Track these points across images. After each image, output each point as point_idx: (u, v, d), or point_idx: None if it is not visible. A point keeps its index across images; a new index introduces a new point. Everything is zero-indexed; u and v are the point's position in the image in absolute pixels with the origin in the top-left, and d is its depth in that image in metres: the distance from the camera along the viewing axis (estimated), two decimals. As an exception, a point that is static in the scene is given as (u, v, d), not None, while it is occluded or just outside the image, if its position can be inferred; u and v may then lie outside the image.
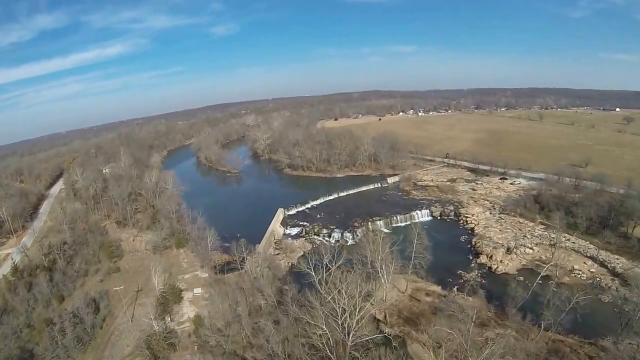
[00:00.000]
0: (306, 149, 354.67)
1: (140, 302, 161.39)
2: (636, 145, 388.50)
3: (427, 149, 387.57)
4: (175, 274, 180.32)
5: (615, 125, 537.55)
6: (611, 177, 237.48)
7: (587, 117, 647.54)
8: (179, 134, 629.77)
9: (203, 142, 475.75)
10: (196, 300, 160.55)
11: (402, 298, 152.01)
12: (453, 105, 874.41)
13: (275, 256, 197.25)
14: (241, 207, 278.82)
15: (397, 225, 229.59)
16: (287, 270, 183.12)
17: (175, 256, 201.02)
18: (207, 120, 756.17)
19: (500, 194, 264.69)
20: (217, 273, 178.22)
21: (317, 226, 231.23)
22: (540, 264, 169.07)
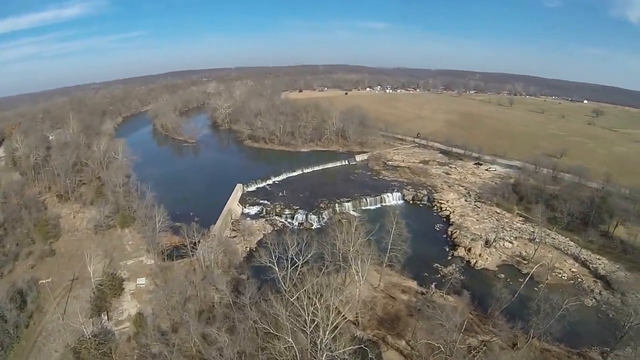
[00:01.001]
0: (269, 120, 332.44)
1: (75, 294, 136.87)
2: (608, 139, 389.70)
3: (397, 127, 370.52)
4: (118, 259, 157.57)
5: (585, 117, 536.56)
6: (589, 171, 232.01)
7: (556, 106, 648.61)
8: (135, 99, 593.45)
9: (160, 109, 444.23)
10: (139, 294, 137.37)
11: (375, 295, 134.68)
12: (421, 85, 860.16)
13: (231, 239, 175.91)
14: (196, 181, 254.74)
15: (366, 208, 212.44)
16: (244, 257, 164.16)
17: (119, 237, 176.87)
18: (167, 87, 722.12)
19: (475, 180, 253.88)
20: (165, 259, 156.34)
21: (279, 206, 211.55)
22: (521, 260, 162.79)
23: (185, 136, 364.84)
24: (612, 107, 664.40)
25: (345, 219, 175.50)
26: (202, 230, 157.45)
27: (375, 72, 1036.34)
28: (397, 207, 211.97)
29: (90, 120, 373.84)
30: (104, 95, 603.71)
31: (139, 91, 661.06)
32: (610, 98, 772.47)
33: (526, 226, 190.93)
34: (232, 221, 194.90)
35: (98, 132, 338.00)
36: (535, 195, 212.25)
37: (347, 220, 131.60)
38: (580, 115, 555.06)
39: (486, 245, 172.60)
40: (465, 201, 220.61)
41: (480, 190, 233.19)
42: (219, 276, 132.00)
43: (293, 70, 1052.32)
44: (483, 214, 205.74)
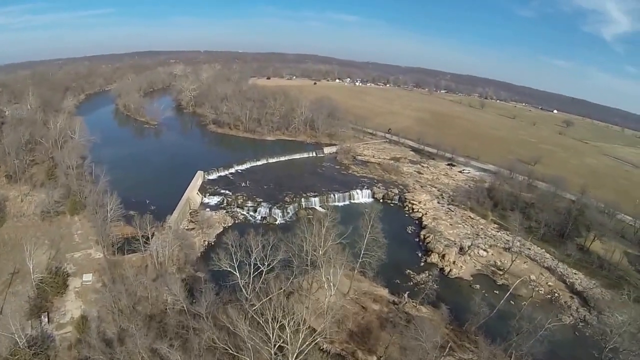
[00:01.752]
0: (235, 105, 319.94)
1: (15, 289, 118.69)
2: (579, 150, 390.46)
3: (367, 121, 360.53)
4: (64, 251, 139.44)
5: (555, 126, 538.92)
6: (565, 181, 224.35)
7: (527, 113, 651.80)
8: (100, 77, 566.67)
9: (123, 89, 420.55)
10: (84, 292, 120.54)
11: (344, 304, 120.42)
12: (392, 80, 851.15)
13: (189, 232, 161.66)
14: (155, 165, 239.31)
15: (334, 205, 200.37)
16: (202, 252, 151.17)
17: (68, 225, 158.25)
18: (133, 66, 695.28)
19: (448, 182, 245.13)
20: (116, 253, 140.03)
21: (242, 197, 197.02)
22: (496, 270, 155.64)
23: (147, 118, 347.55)
24: (581, 119, 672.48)
25: (311, 215, 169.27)
26: (157, 222, 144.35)
27: (345, 65, 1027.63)
28: (366, 205, 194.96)
29: (51, 96, 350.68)
30: (67, 72, 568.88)
31: (104, 69, 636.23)
32: (578, 110, 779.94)
33: (501, 234, 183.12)
34: (190, 211, 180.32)
35: (58, 109, 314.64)
36: (511, 202, 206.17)
37: (317, 220, 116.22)
38: (550, 124, 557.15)
39: (460, 252, 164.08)
40: (437, 203, 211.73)
41: (454, 193, 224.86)
42: (173, 276, 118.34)
43: (262, 57, 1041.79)
44: (457, 218, 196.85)
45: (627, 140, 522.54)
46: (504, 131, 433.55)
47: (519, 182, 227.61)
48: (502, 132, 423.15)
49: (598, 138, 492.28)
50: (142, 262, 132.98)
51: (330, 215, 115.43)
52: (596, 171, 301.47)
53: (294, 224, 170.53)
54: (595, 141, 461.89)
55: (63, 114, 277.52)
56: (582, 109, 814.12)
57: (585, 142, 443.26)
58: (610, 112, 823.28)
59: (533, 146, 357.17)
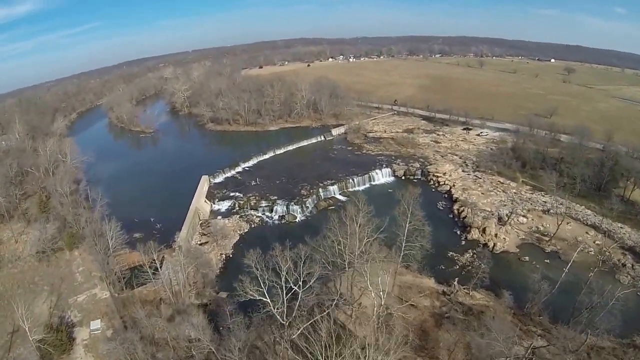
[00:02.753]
0: (231, 99, 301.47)
1: (16, 353, 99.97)
2: (587, 96, 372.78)
3: (369, 96, 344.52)
4: (66, 296, 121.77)
5: (557, 75, 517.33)
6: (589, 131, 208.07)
7: (525, 66, 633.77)
8: (90, 93, 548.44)
9: (114, 100, 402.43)
10: (94, 345, 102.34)
11: (390, 304, 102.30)
12: (385, 51, 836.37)
13: (202, 247, 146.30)
14: (156, 177, 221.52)
15: (354, 190, 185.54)
16: (220, 268, 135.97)
17: (68, 263, 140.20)
18: (122, 77, 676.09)
19: (468, 147, 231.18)
20: (124, 288, 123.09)
21: (254, 197, 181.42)
22: (541, 236, 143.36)
23: (142, 127, 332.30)
24: (580, 65, 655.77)
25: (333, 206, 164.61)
26: (165, 243, 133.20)
27: (335, 43, 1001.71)
28: (388, 185, 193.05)
29: (39, 120, 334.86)
30: (55, 93, 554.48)
31: (93, 84, 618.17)
32: (574, 56, 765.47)
33: (536, 196, 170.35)
34: (200, 222, 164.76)
35: (47, 133, 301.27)
36: (539, 160, 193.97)
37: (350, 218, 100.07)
38: (552, 73, 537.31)
39: (500, 222, 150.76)
40: (463, 172, 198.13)
41: (477, 158, 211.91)
42: (192, 308, 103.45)
43: (251, 48, 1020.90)
44: (487, 185, 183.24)
45: (630, 80, 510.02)
46: (509, 87, 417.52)
47: (542, 138, 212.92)
48: (507, 88, 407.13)
49: (601, 81, 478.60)
50: (155, 295, 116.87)
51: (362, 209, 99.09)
52: (610, 115, 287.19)
53: (315, 218, 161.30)
54: (599, 85, 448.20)
55: (53, 137, 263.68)
56: (578, 55, 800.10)
57: (590, 87, 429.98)
58: (606, 55, 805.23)
59: (542, 98, 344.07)
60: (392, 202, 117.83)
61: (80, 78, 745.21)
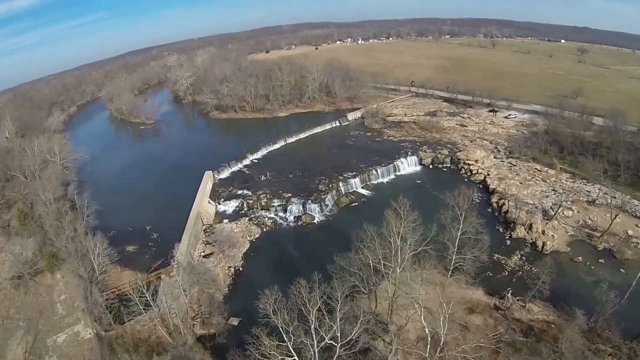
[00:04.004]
0: (237, 85, 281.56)
1: None
2: (606, 76, 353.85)
3: (384, 77, 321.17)
4: (44, 334, 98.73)
5: (571, 56, 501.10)
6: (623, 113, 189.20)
7: (537, 46, 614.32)
8: (91, 85, 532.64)
9: (114, 91, 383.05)
10: None
11: (436, 327, 79.65)
12: (393, 33, 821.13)
13: (206, 259, 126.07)
14: (154, 173, 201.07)
15: (378, 183, 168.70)
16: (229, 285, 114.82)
17: (48, 290, 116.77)
18: (125, 67, 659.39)
19: (498, 131, 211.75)
20: (113, 322, 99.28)
21: (265, 195, 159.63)
22: (592, 232, 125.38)
23: (142, 118, 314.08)
24: (590, 46, 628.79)
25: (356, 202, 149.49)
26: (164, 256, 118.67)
27: (342, 26, 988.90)
28: (415, 175, 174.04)
29: (33, 116, 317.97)
30: (54, 86, 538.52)
31: (94, 75, 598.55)
32: (583, 37, 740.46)
33: (578, 184, 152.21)
34: (204, 228, 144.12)
35: (41, 130, 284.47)
36: (577, 145, 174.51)
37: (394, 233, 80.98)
38: (565, 54, 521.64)
39: (545, 217, 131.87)
40: (495, 158, 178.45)
41: (509, 143, 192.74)
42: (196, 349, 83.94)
43: (257, 33, 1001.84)
44: (523, 173, 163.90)
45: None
46: (527, 67, 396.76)
47: (576, 121, 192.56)
48: (526, 69, 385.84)
49: (615, 62, 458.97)
50: (150, 332, 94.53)
51: (406, 217, 79.67)
52: (633, 96, 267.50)
53: (337, 218, 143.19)
54: (614, 65, 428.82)
55: (45, 134, 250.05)
56: (586, 35, 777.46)
57: (606, 68, 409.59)
58: (614, 36, 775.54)
59: (562, 78, 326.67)
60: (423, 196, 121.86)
61: (82, 70, 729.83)
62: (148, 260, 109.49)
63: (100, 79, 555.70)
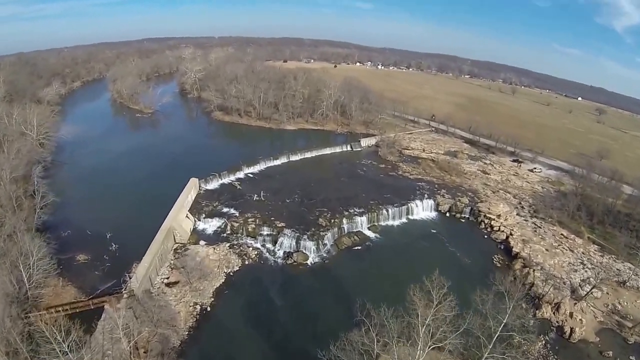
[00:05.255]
0: (246, 87, 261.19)
1: None
2: (625, 141, 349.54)
3: (404, 106, 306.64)
4: None
5: (589, 114, 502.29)
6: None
7: (555, 100, 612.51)
8: (100, 63, 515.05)
9: (119, 72, 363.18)
10: None
11: None
12: (414, 64, 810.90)
13: (170, 288, 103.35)
14: (134, 170, 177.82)
15: (386, 225, 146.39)
16: (190, 328, 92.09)
17: None
18: (139, 51, 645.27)
19: (522, 185, 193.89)
20: None
21: (254, 219, 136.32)
22: (621, 320, 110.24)
23: (141, 105, 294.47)
24: (606, 107, 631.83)
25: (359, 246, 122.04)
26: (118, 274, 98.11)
27: (363, 49, 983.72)
28: (429, 222, 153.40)
29: (29, 83, 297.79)
30: (63, 57, 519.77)
31: (107, 55, 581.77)
32: (598, 98, 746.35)
33: (607, 260, 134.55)
34: (174, 247, 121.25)
35: (34, 98, 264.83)
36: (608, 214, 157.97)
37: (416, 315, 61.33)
38: (583, 112, 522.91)
39: (573, 296, 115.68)
40: (519, 216, 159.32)
41: (534, 200, 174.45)
42: None
43: (277, 42, 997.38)
44: (549, 238, 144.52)
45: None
46: (548, 119, 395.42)
47: (605, 186, 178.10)
48: (547, 120, 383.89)
49: (632, 127, 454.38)
50: None
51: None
52: None
53: (335, 262, 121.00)
54: (631, 131, 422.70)
55: (34, 104, 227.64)
56: (602, 96, 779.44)
57: (624, 132, 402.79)
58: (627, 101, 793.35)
59: (584, 136, 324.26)
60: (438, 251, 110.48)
61: (97, 47, 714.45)
62: (98, 278, 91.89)
63: (111, 59, 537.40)
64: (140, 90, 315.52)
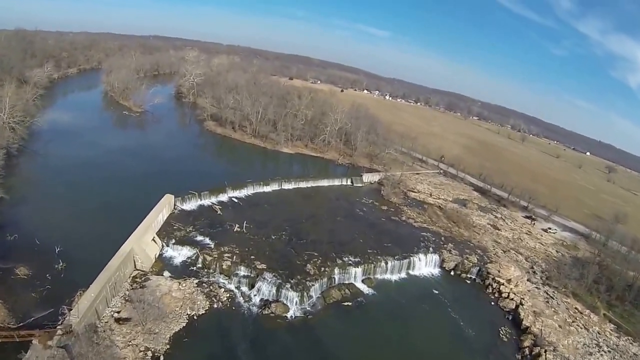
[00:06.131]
0: (245, 99, 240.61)
1: None
2: (637, 203, 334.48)
3: (412, 143, 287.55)
4: None
5: (599, 172, 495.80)
6: None
7: (563, 152, 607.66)
8: (101, 52, 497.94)
9: (116, 64, 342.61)
10: None
11: None
12: (422, 99, 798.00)
13: (119, 325, 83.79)
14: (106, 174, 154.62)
15: (383, 279, 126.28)
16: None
17: None
18: (143, 45, 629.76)
19: (535, 246, 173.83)
20: None
21: (230, 254, 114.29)
22: None
23: (131, 103, 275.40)
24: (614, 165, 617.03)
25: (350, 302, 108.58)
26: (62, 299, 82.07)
27: (371, 77, 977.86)
28: (432, 280, 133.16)
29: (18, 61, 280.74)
30: (62, 40, 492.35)
31: (109, 45, 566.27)
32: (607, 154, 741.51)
33: (624, 342, 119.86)
34: (133, 275, 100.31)
35: (21, 78, 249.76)
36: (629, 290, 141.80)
37: None
38: (593, 168, 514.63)
39: None
40: (530, 282, 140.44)
41: (547, 265, 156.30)
42: None
43: (285, 57, 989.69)
44: (563, 312, 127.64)
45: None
46: (559, 173, 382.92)
47: (626, 256, 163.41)
48: (558, 174, 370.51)
49: None
50: None
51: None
52: None
53: (319, 320, 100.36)
54: None
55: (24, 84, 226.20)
56: (610, 153, 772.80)
57: (634, 193, 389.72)
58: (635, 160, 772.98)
59: (595, 195, 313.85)
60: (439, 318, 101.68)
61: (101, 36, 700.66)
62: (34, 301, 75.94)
63: (113, 50, 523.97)
64: (133, 87, 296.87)
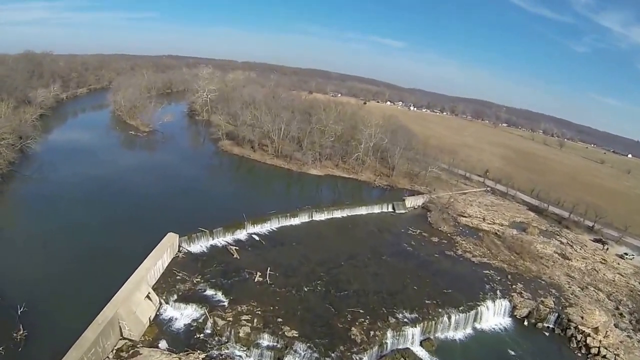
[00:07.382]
0: (264, 114, 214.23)
1: None
2: None
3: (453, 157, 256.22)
4: None
5: None
6: None
7: (604, 156, 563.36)
8: (112, 72, 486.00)
9: (125, 83, 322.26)
10: None
11: None
12: (448, 108, 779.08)
13: None
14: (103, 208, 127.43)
15: (446, 339, 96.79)
16: None
17: None
18: (155, 64, 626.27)
19: (614, 278, 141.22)
20: None
21: (251, 316, 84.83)
22: None
23: (139, 122, 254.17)
24: None
25: None
26: None
27: (392, 88, 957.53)
28: (502, 334, 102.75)
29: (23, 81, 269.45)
30: (73, 61, 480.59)
31: (121, 64, 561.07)
32: None
33: None
34: (117, 347, 73.28)
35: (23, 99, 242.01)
36: None
37: None
38: None
39: None
40: (618, 328, 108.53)
41: (633, 303, 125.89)
42: None
43: (302, 72, 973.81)
44: None
45: None
46: (611, 181, 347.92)
47: None
48: (610, 183, 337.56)
49: None
50: None
51: None
52: None
53: None
54: None
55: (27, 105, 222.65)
56: None
57: None
58: None
59: None
60: None
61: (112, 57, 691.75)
62: None
63: (125, 69, 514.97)
64: (141, 105, 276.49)
